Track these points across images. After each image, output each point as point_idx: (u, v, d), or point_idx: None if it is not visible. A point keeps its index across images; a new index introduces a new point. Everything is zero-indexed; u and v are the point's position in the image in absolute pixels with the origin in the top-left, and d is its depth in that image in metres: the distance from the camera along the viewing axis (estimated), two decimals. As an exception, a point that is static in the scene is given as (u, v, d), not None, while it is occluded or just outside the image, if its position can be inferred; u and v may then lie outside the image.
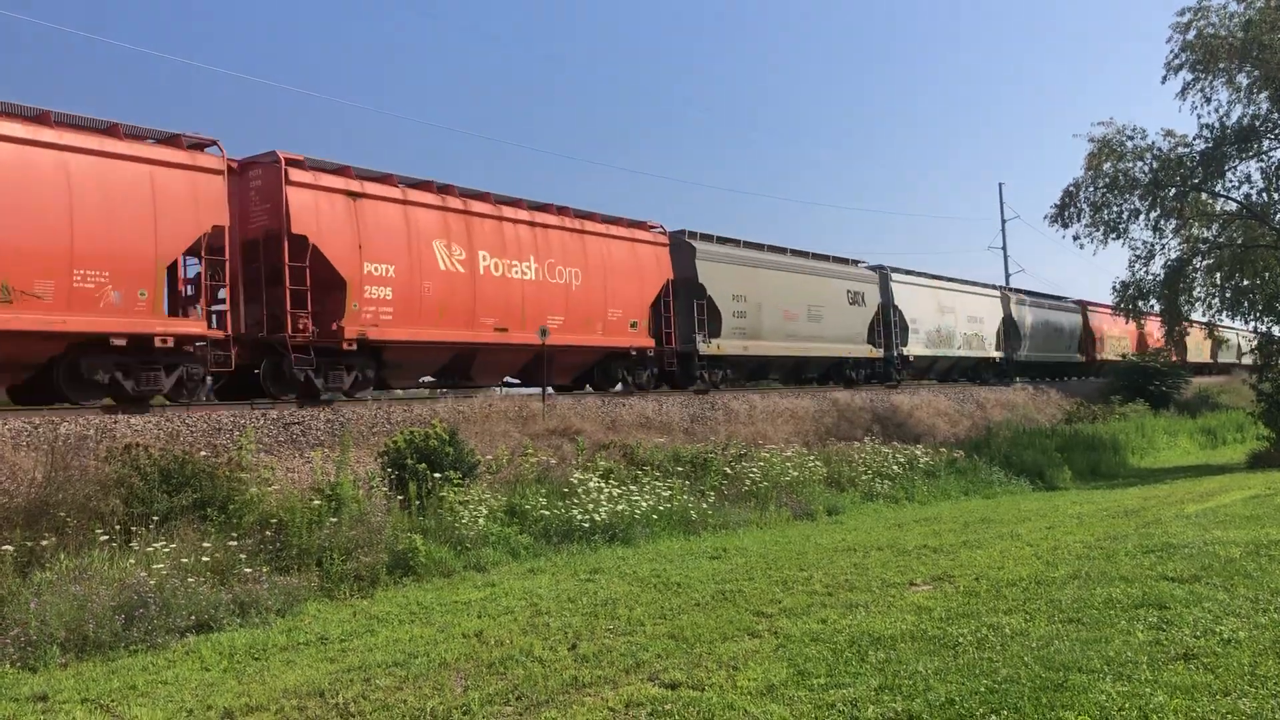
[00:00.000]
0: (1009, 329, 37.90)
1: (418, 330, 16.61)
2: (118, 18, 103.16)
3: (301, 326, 15.03)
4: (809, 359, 27.23)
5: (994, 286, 37.98)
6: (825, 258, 28.43)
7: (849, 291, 28.54)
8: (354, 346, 15.66)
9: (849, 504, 16.75)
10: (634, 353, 21.40)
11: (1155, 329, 38.69)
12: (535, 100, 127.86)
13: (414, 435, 12.62)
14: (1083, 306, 44.80)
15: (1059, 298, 44.17)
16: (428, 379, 18.73)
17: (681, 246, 22.91)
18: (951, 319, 33.64)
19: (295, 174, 15.33)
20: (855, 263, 30.06)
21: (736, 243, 25.05)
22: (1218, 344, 42.52)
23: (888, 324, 30.17)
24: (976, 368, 35.88)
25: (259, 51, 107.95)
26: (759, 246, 25.78)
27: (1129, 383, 37.30)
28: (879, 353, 29.52)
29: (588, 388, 21.47)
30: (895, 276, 31.07)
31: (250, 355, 15.25)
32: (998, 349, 36.67)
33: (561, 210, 20.16)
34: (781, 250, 26.66)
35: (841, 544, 11.69)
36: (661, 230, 22.91)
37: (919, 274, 33.14)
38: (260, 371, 15.49)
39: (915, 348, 31.33)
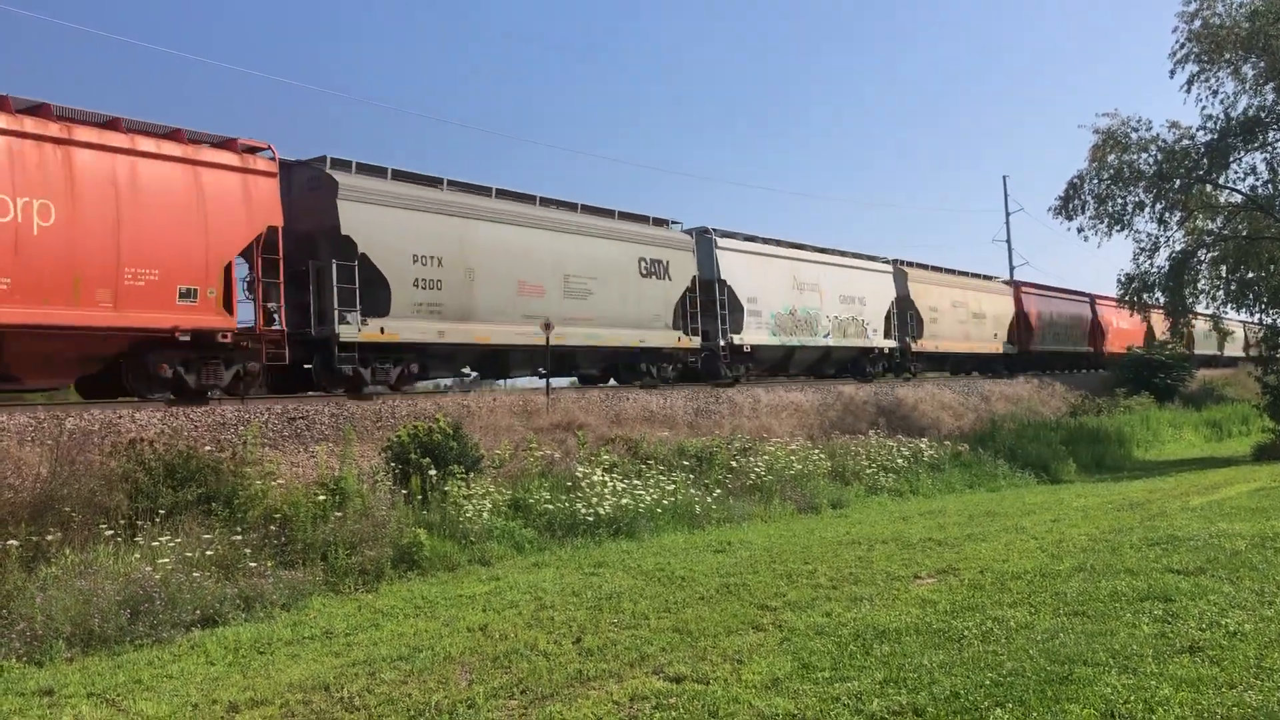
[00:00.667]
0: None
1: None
2: (116, 14, 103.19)
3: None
4: (574, 348, 19.89)
5: (886, 260, 31.50)
6: (605, 212, 21.48)
7: (643, 260, 21.53)
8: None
9: (853, 497, 16.73)
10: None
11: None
12: (538, 94, 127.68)
13: (418, 429, 12.63)
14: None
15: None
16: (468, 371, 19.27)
17: (317, 181, 16.39)
18: (815, 298, 26.94)
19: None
20: (664, 223, 23.13)
21: (418, 180, 17.81)
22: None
23: (710, 304, 23.31)
24: (858, 361, 29.40)
25: (261, 49, 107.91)
26: (470, 188, 18.70)
27: (1134, 375, 37.23)
28: (694, 341, 22.61)
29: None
30: (723, 242, 24.18)
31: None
32: (888, 336, 30.31)
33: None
34: (520, 198, 19.57)
35: (846, 537, 11.68)
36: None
37: (762, 240, 25.99)
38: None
39: (754, 335, 24.44)
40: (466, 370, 19.35)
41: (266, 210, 14.54)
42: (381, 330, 16.16)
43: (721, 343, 23.22)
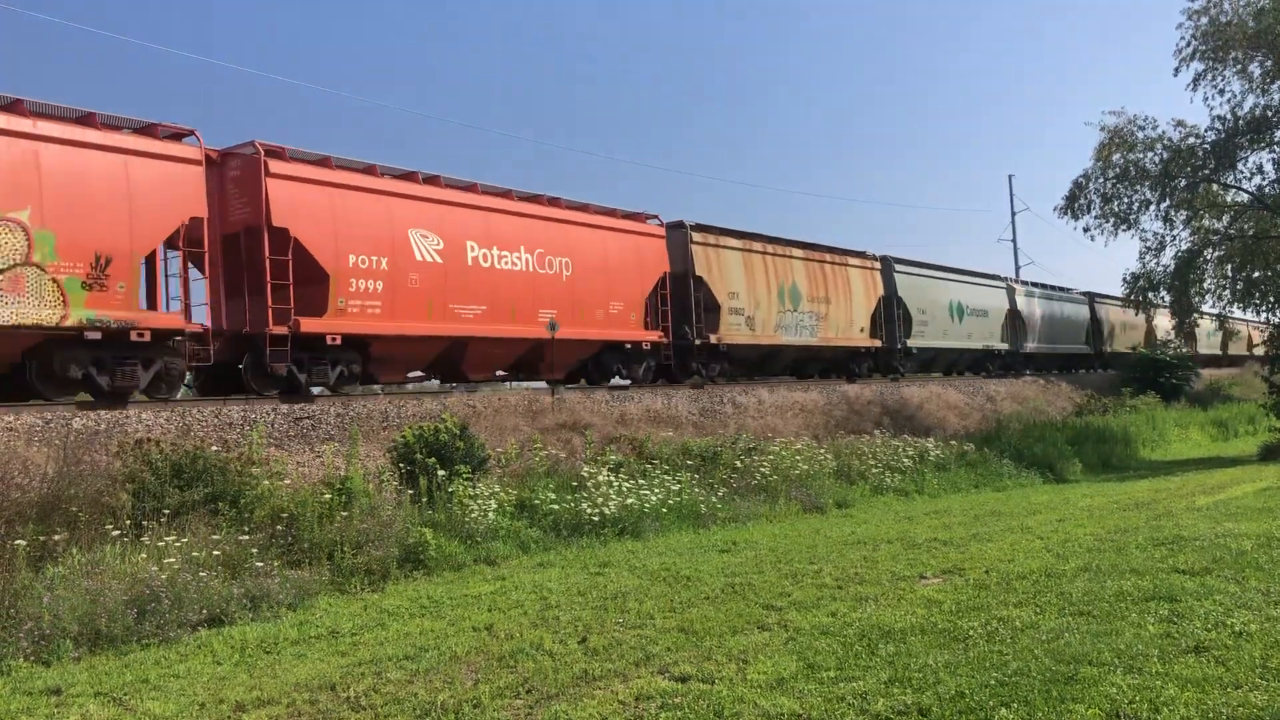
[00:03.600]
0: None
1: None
2: (115, 11, 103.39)
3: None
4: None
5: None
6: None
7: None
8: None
9: (859, 497, 16.72)
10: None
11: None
12: (548, 96, 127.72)
13: (424, 429, 12.65)
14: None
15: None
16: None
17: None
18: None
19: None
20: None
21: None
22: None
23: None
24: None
25: (276, 49, 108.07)
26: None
27: (1139, 375, 37.16)
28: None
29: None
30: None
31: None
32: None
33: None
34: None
35: (851, 537, 11.68)
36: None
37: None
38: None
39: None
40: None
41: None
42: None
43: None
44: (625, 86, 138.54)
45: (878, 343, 29.04)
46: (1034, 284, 41.47)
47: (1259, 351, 43.01)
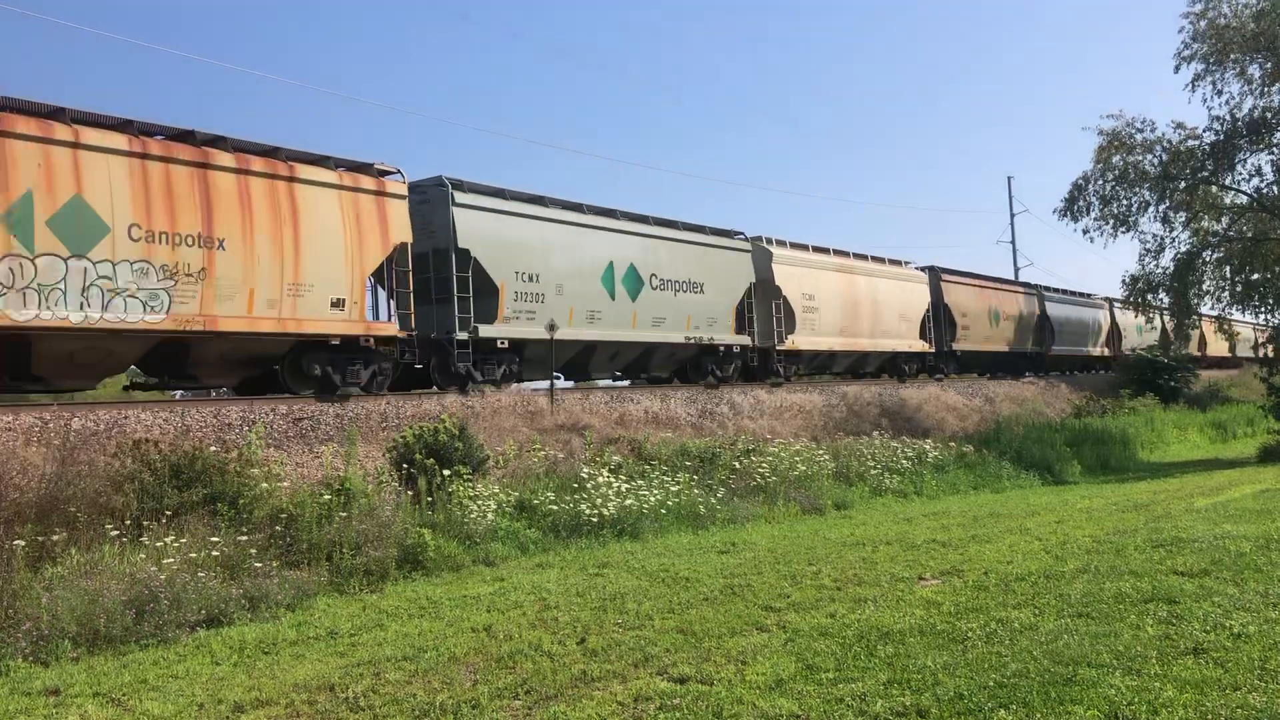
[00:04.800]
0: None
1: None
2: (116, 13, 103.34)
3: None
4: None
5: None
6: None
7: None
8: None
9: (857, 498, 16.73)
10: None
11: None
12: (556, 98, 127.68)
13: (423, 430, 12.65)
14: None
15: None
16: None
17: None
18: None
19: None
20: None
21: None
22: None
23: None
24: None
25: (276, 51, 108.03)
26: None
27: (1139, 376, 37.17)
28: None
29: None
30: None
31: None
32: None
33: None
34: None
35: (850, 538, 11.68)
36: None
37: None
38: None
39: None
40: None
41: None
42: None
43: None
44: (617, 90, 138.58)
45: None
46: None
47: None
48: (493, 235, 18.09)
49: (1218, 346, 48.89)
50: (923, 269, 33.02)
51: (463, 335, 17.29)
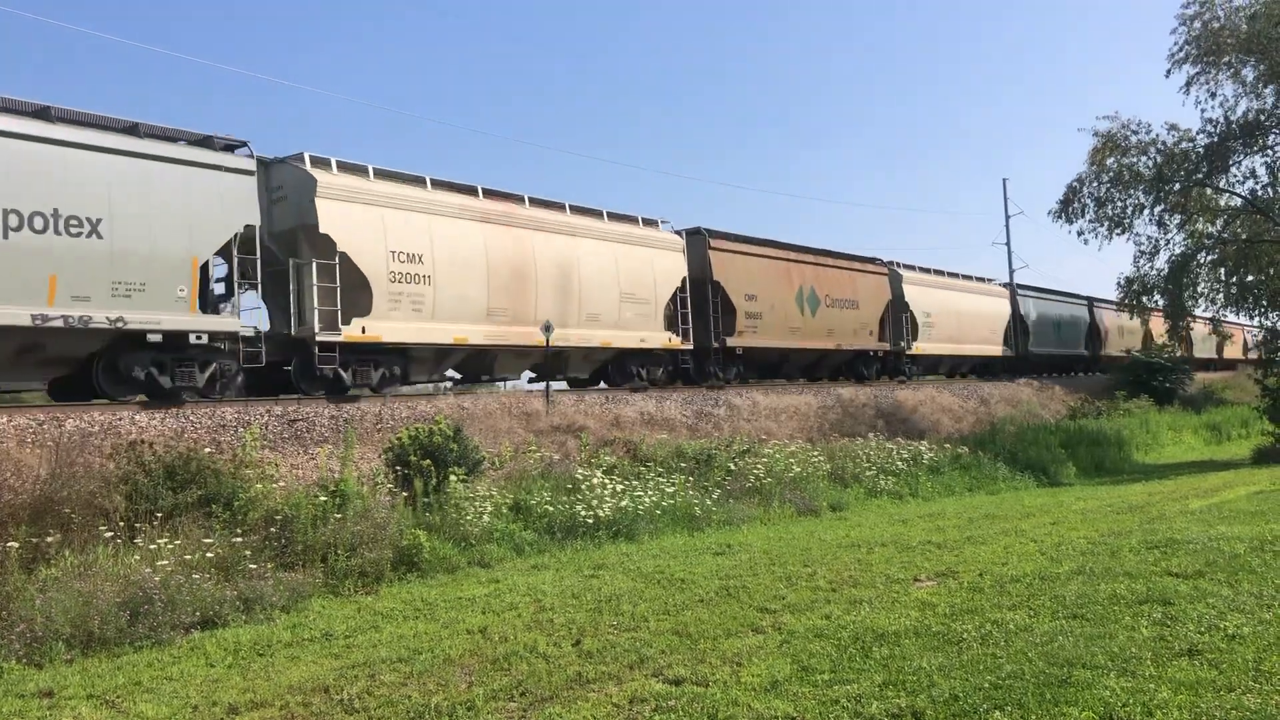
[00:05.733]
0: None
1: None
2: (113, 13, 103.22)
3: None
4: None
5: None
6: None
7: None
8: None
9: (853, 500, 16.74)
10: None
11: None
12: (541, 96, 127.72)
13: (419, 432, 12.63)
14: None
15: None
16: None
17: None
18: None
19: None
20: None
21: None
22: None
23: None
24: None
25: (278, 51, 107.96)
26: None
27: (1134, 378, 37.24)
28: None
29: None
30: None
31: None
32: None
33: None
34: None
35: (846, 540, 11.68)
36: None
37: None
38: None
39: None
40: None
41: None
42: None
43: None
44: (615, 90, 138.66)
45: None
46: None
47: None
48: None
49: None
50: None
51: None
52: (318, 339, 15.39)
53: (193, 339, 13.85)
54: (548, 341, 18.28)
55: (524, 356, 19.70)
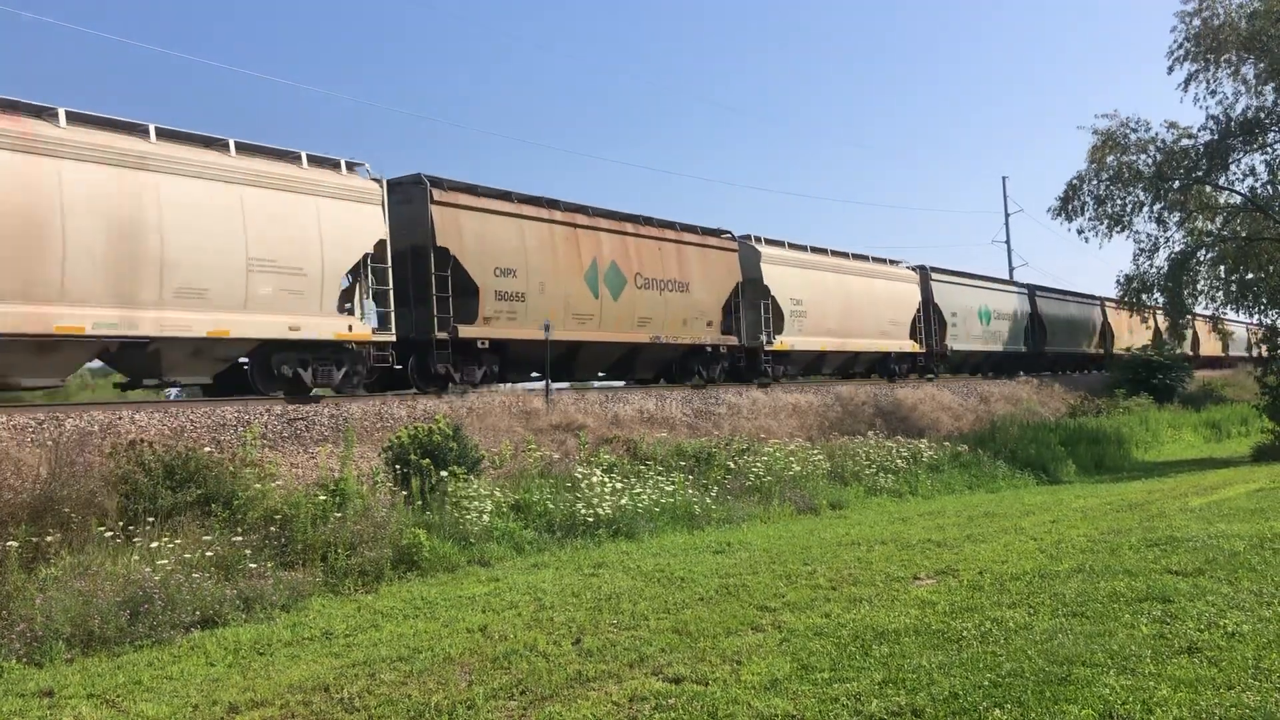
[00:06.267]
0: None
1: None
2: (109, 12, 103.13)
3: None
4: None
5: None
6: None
7: None
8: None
9: (853, 498, 16.73)
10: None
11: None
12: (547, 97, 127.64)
13: (418, 430, 12.64)
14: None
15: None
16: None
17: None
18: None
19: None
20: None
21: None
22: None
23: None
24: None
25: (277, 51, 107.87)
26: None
27: (1133, 376, 37.24)
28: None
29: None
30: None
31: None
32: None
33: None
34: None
35: (845, 538, 11.68)
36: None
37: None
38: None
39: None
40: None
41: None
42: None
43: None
44: (612, 88, 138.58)
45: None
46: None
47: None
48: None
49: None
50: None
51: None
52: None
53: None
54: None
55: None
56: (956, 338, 33.39)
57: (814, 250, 28.02)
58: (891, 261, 31.58)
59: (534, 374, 20.50)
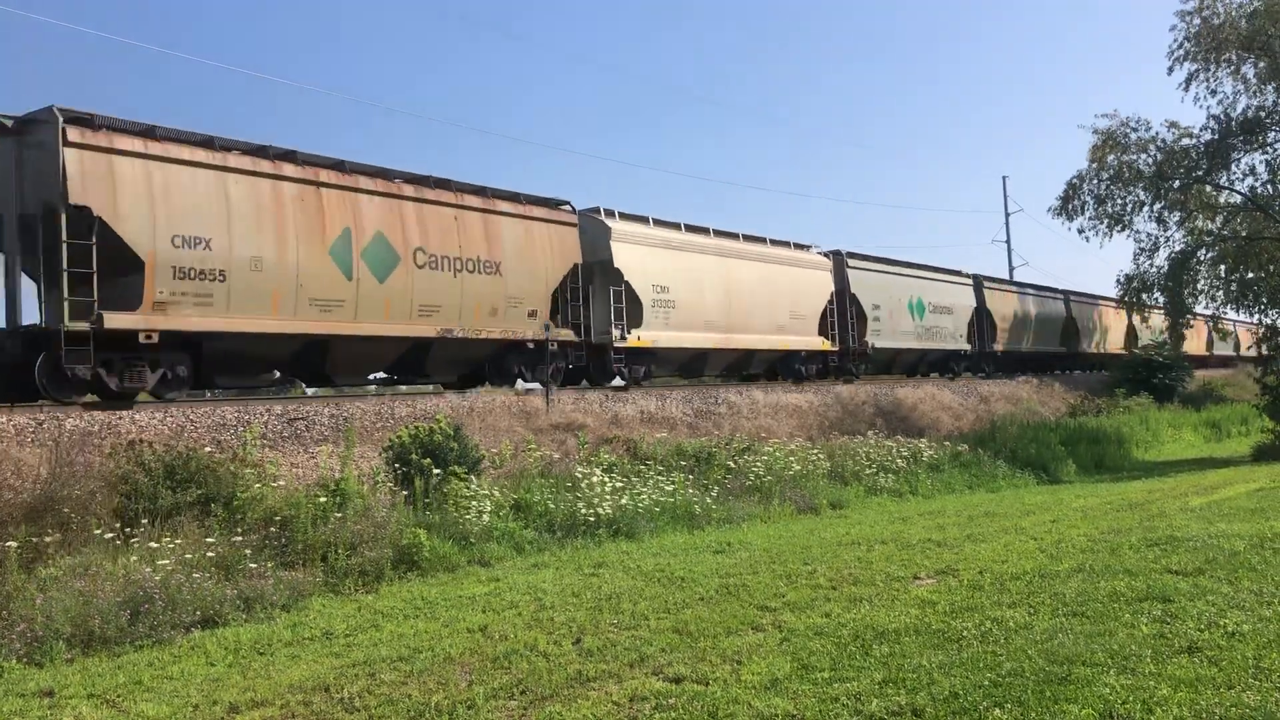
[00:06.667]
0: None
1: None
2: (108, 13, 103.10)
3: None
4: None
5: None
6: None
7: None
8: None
9: (853, 498, 16.73)
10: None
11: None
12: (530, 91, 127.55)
13: (419, 430, 12.64)
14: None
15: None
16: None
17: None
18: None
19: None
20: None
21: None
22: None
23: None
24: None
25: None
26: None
27: (1133, 376, 37.25)
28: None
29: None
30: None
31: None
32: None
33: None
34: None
35: (845, 538, 11.68)
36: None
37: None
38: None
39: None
40: None
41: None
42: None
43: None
44: (608, 87, 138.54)
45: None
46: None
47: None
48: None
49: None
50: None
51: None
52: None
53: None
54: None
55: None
56: (880, 333, 29.56)
57: (690, 229, 23.73)
58: (798, 245, 27.52)
59: (276, 373, 16.40)
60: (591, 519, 12.52)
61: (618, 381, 21.08)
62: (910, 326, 31.42)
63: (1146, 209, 28.73)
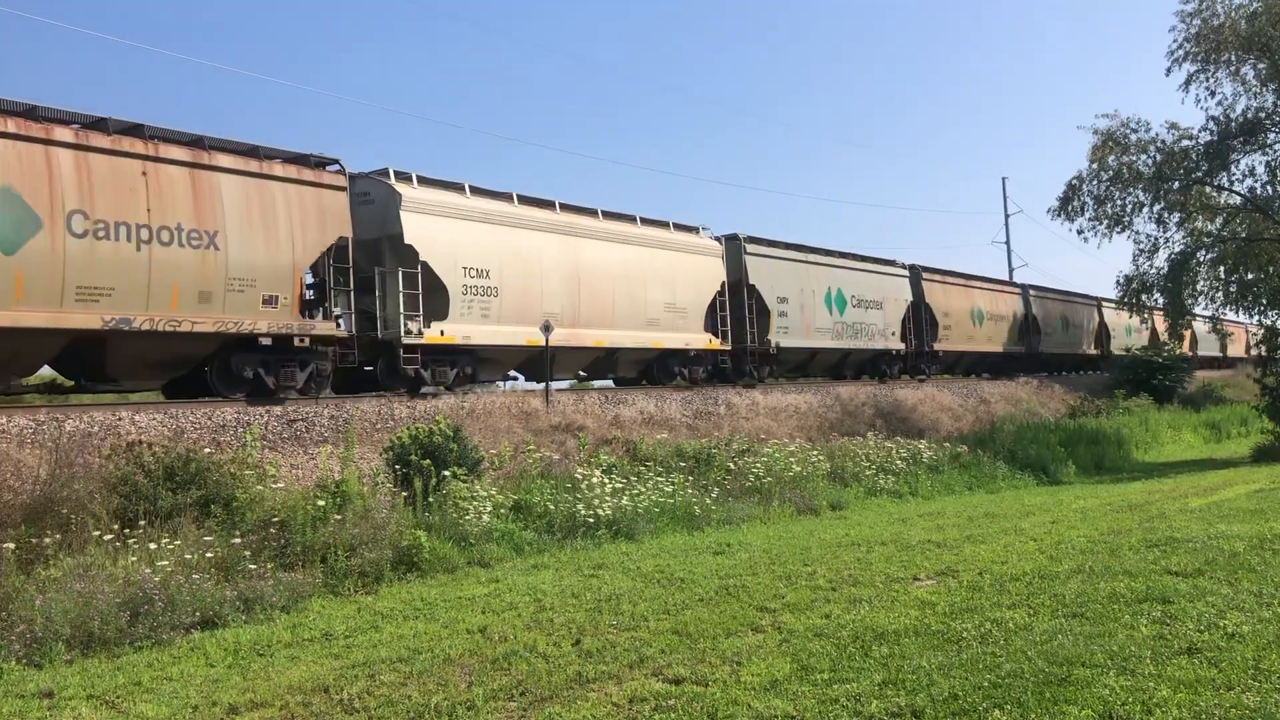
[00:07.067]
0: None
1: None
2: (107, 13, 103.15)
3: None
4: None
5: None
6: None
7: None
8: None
9: (853, 499, 16.74)
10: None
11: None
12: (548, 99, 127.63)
13: (418, 431, 12.63)
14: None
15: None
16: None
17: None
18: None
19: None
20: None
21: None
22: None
23: None
24: None
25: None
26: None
27: (1133, 377, 37.25)
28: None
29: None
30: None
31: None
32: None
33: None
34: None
35: (845, 539, 11.68)
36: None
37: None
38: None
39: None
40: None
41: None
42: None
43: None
44: (607, 89, 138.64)
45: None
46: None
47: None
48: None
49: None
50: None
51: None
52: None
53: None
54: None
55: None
56: (788, 331, 25.57)
57: (525, 201, 19.49)
58: (682, 227, 23.48)
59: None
60: (591, 520, 12.52)
61: (430, 389, 17.44)
62: (828, 323, 27.35)
63: (1146, 210, 28.78)
